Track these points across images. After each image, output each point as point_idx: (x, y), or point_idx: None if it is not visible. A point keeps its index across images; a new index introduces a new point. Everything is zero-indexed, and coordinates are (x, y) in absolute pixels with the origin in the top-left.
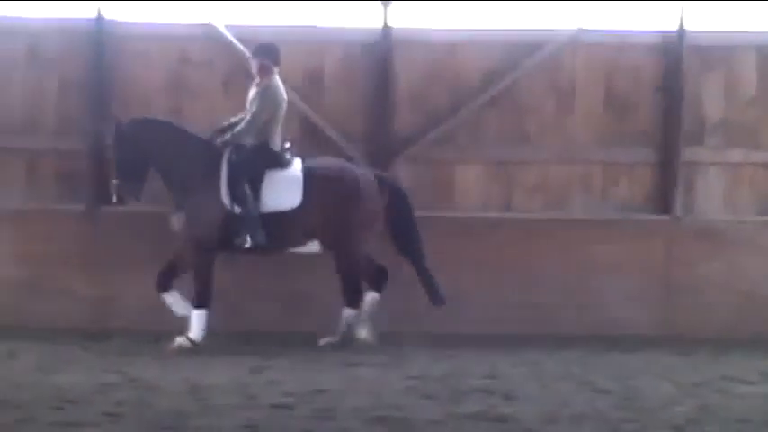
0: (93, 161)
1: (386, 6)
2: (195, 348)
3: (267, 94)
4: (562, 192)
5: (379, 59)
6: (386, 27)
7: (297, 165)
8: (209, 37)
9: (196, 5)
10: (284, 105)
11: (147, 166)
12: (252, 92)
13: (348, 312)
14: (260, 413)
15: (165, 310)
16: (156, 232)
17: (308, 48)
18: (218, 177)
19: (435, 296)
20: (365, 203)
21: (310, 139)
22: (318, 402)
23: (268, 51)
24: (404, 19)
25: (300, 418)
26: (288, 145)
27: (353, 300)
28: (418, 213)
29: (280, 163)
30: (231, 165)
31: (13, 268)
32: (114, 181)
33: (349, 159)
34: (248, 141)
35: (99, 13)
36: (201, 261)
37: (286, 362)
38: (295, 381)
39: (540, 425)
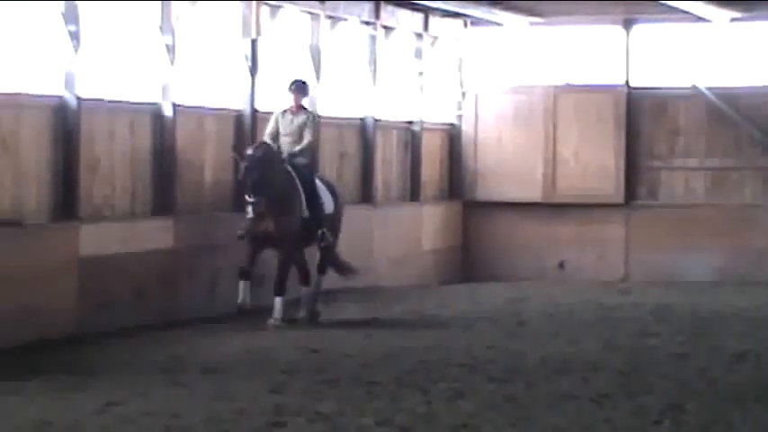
0: None
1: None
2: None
3: (317, 121)
4: None
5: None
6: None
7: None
8: None
9: None
10: None
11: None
12: (299, 117)
13: (319, 278)
14: None
15: None
16: None
17: None
18: (299, 193)
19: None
20: (343, 203)
21: None
22: None
23: (306, 89)
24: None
25: None
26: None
27: (324, 269)
28: None
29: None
30: (302, 182)
31: None
32: (250, 198)
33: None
34: (304, 159)
35: (626, 82)
36: (290, 257)
37: None
38: None
39: None
